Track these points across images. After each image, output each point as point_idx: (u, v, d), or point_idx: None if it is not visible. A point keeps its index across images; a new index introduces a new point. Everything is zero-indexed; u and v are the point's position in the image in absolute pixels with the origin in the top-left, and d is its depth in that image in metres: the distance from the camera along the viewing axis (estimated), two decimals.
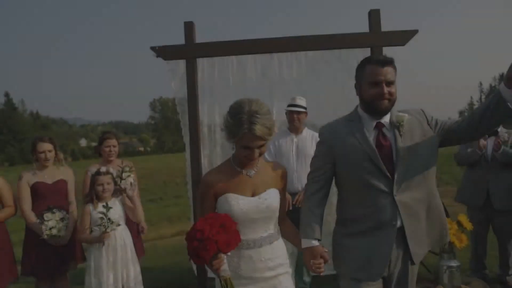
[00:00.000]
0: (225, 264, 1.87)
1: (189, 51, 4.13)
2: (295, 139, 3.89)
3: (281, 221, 2.23)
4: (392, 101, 2.02)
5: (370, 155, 2.01)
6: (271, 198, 2.04)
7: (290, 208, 3.43)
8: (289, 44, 4.10)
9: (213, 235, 1.76)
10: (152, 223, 9.00)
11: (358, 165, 2.03)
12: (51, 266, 3.41)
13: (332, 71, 4.20)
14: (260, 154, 1.99)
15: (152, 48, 4.14)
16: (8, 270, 3.32)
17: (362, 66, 2.06)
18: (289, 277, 2.15)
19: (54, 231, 3.22)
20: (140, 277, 3.34)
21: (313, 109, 4.20)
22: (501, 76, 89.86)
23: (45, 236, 3.24)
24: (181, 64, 4.28)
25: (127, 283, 3.20)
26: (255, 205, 2.00)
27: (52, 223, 3.21)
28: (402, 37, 4.02)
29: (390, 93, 1.99)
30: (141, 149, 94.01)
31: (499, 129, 3.92)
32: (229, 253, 1.89)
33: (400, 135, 2.03)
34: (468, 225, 3.71)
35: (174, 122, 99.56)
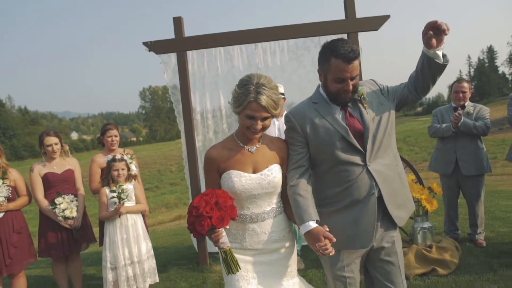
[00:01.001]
0: (224, 236, 1.93)
1: (179, 44, 4.45)
2: (276, 122, 4.18)
3: (284, 197, 2.23)
4: (354, 91, 2.06)
5: (343, 134, 2.05)
6: (273, 174, 2.07)
7: None
8: (271, 34, 4.44)
9: (207, 212, 1.83)
10: (150, 210, 9.37)
11: (332, 145, 2.06)
12: (65, 247, 3.78)
13: (311, 56, 4.55)
14: (263, 129, 2.01)
15: (144, 43, 4.46)
16: (28, 252, 3.68)
17: (327, 58, 1.99)
18: (292, 248, 2.19)
19: (67, 213, 3.59)
20: (152, 252, 3.73)
21: (295, 92, 4.57)
22: (489, 48, 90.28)
23: (60, 219, 3.61)
24: (172, 57, 4.60)
25: (140, 257, 3.59)
26: (257, 182, 2.03)
27: (64, 205, 3.59)
28: (376, 22, 4.37)
29: (354, 85, 2.02)
30: (134, 139, 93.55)
31: (466, 103, 4.32)
32: (227, 226, 1.95)
33: (365, 108, 2.10)
34: (438, 191, 4.14)
35: (165, 111, 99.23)
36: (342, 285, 2.15)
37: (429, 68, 1.99)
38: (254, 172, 2.06)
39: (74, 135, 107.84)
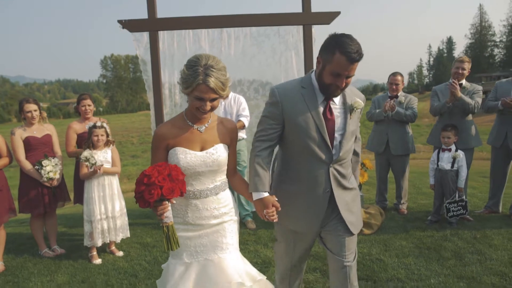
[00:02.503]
0: (169, 211, 1.97)
1: (151, 24, 4.86)
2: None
3: (232, 175, 2.31)
4: (344, 89, 2.11)
5: (318, 126, 2.10)
6: (218, 152, 2.12)
7: None
8: (236, 21, 4.95)
9: (159, 181, 1.85)
10: None
11: (306, 133, 2.11)
12: (45, 204, 4.22)
13: (271, 43, 5.12)
14: (212, 109, 2.04)
15: (119, 21, 4.82)
16: (9, 207, 4.09)
17: (332, 50, 1.98)
18: (234, 223, 2.27)
19: (51, 174, 4.03)
20: (125, 210, 4.27)
21: (255, 74, 5.13)
22: (449, 39, 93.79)
23: (45, 179, 4.04)
24: (144, 35, 5.00)
25: (113, 213, 4.11)
26: (201, 159, 2.08)
27: (49, 168, 4.01)
28: (328, 17, 4.97)
29: (346, 83, 2.06)
30: (93, 109, 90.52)
31: (399, 94, 5.07)
32: (173, 201, 2.01)
33: (350, 118, 2.18)
34: (370, 166, 4.91)
35: (127, 81, 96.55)
36: (288, 243, 2.36)
37: None
38: (202, 150, 2.11)
39: None
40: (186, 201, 2.14)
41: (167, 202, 1.94)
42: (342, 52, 1.94)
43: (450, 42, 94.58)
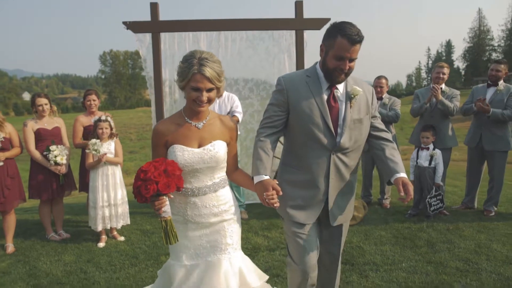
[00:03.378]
0: (166, 205, 1.98)
1: (154, 26, 5.20)
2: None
3: (233, 171, 2.31)
4: (348, 74, 2.15)
5: (322, 113, 2.14)
6: (215, 149, 2.10)
7: None
8: (233, 25, 5.31)
9: (155, 177, 1.86)
10: None
11: (310, 119, 2.14)
12: (53, 190, 4.57)
13: (265, 46, 5.49)
14: (209, 101, 2.04)
15: (124, 23, 5.18)
16: (19, 193, 4.43)
17: (334, 35, 2.06)
18: (234, 222, 2.25)
19: (58, 159, 4.38)
20: (126, 199, 4.62)
21: (250, 75, 5.49)
22: (447, 42, 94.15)
23: (52, 163, 4.39)
24: (147, 36, 5.35)
25: (115, 201, 4.46)
26: (199, 156, 2.07)
27: (56, 152, 4.37)
28: (319, 23, 5.33)
29: (350, 68, 2.09)
30: (98, 103, 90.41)
31: (383, 96, 5.44)
32: (171, 196, 2.02)
33: (350, 106, 2.19)
34: None
35: (126, 77, 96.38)
36: (300, 241, 2.31)
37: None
38: (199, 147, 2.10)
39: (26, 96, 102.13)
40: (185, 199, 2.14)
41: (164, 197, 1.96)
42: (343, 35, 2.01)
43: (449, 46, 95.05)
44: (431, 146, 4.91)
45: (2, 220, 4.45)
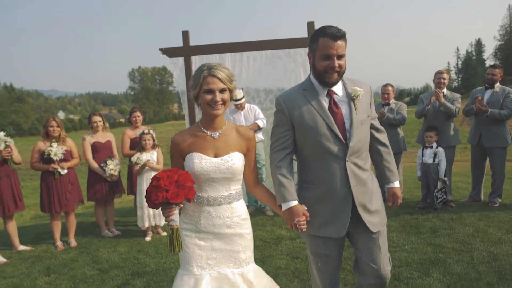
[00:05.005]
0: (175, 215, 2.00)
1: (186, 51, 6.02)
2: (242, 112, 5.72)
3: (254, 186, 2.31)
4: (341, 74, 2.13)
5: (327, 122, 2.11)
6: (233, 160, 2.10)
7: None
8: (253, 46, 6.06)
9: (166, 185, 1.89)
10: None
11: (316, 131, 2.12)
12: (106, 194, 5.42)
13: (283, 63, 6.20)
14: (224, 103, 2.06)
15: (160, 49, 6.03)
16: (78, 197, 5.30)
17: (315, 38, 2.09)
18: (247, 236, 2.22)
19: (112, 171, 5.22)
20: None
21: (270, 89, 6.22)
22: (477, 41, 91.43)
23: (107, 174, 5.24)
24: (180, 60, 6.17)
25: None
26: (216, 166, 2.08)
27: (112, 166, 5.21)
28: None
29: (340, 66, 2.07)
30: (122, 120, 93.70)
31: (390, 101, 6.03)
32: (181, 205, 2.06)
33: (355, 108, 2.17)
34: None
35: (154, 93, 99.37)
36: (320, 260, 2.29)
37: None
38: (216, 157, 2.11)
39: (61, 114, 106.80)
40: (200, 208, 2.13)
41: (174, 206, 1.98)
42: (324, 34, 2.05)
43: (479, 44, 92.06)
44: (434, 145, 5.46)
45: (66, 220, 5.32)
